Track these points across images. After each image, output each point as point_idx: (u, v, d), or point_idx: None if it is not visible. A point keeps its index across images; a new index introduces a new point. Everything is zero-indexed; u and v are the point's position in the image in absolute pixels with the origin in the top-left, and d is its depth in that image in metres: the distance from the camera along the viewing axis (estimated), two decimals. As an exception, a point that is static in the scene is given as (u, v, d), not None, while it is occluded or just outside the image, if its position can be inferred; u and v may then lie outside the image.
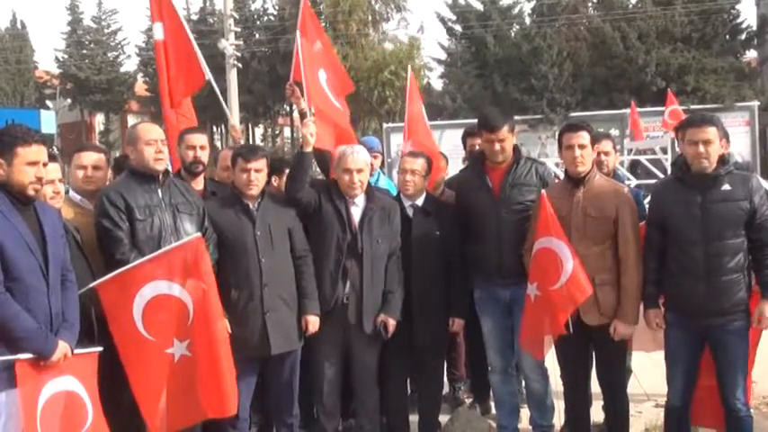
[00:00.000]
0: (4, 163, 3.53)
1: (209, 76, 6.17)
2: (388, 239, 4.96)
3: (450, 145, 14.79)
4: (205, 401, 4.08)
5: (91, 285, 3.97)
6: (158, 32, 6.25)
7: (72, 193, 4.52)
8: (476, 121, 5.33)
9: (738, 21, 29.31)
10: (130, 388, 4.07)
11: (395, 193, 5.43)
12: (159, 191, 4.47)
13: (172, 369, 4.04)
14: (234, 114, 24.39)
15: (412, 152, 5.27)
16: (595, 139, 5.00)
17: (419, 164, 5.11)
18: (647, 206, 4.92)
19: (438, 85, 35.31)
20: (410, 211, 5.12)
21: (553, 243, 4.50)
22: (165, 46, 6.20)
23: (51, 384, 3.57)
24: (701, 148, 4.22)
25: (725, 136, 4.28)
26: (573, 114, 24.15)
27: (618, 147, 5.67)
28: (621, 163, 15.15)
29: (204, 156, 5.17)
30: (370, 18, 33.32)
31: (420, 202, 5.14)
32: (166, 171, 4.58)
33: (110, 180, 4.88)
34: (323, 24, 31.77)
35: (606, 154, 5.36)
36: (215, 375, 4.06)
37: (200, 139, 5.20)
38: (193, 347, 4.04)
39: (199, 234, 4.22)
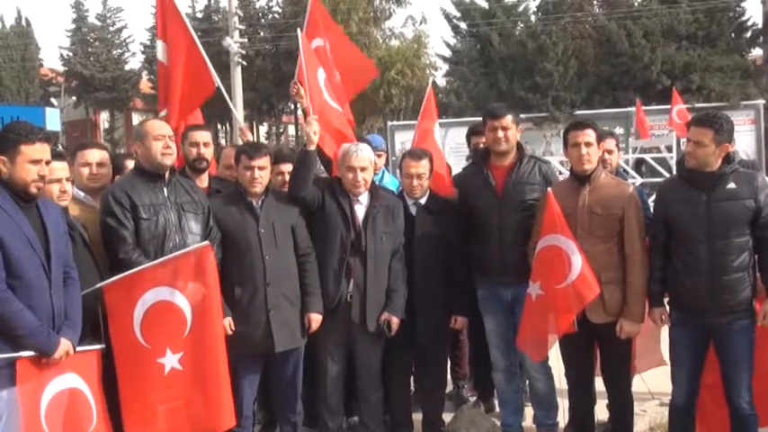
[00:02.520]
0: (6, 160, 3.53)
1: (218, 83, 6.09)
2: (391, 237, 4.95)
3: (455, 143, 14.80)
4: (191, 419, 4.01)
5: (98, 286, 3.97)
6: (161, 53, 6.18)
7: (76, 191, 4.52)
8: (478, 119, 5.33)
9: (744, 19, 29.19)
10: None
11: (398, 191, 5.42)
12: (165, 189, 4.47)
13: (161, 381, 3.96)
14: (238, 112, 24.40)
15: (413, 153, 5.21)
16: (599, 138, 4.99)
17: (424, 166, 5.09)
18: (651, 204, 4.90)
19: (443, 82, 35.27)
20: (413, 210, 5.11)
21: (560, 240, 4.48)
22: (167, 68, 6.12)
23: (55, 383, 3.58)
24: (690, 148, 4.25)
25: (728, 138, 4.23)
26: (578, 112, 24.08)
27: (623, 145, 5.67)
28: (626, 161, 15.13)
29: (208, 153, 5.17)
30: (371, 15, 33.26)
31: (423, 200, 5.13)
32: (172, 169, 4.58)
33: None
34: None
35: (609, 152, 5.35)
36: (205, 392, 4.00)
37: (203, 136, 5.19)
38: (185, 361, 3.98)
39: (207, 243, 4.22)
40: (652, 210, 4.76)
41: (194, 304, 4.01)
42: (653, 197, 5.01)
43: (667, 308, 4.52)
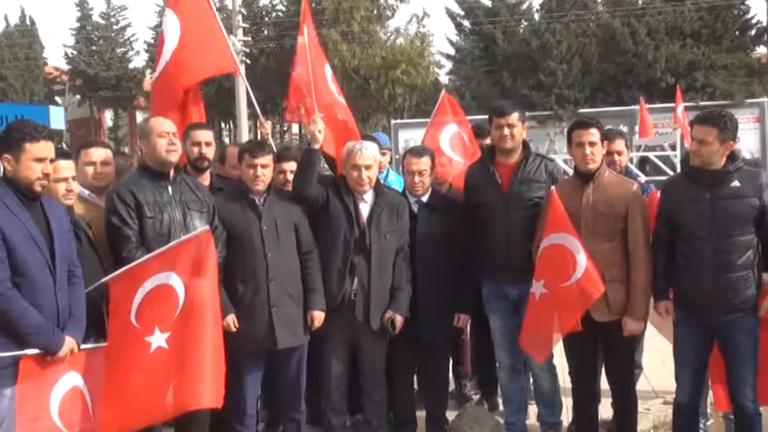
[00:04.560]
0: (11, 159, 3.55)
1: (241, 72, 5.91)
2: (396, 235, 4.95)
3: (458, 141, 14.73)
4: (173, 397, 3.88)
5: (102, 281, 3.97)
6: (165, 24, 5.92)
7: (80, 189, 4.53)
8: (482, 117, 5.33)
9: (748, 17, 29.17)
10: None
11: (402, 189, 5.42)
12: (170, 188, 4.47)
13: (145, 359, 3.87)
14: (242, 110, 24.42)
15: (414, 150, 5.24)
16: (609, 138, 4.98)
17: (425, 163, 5.09)
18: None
19: (446, 81, 35.24)
20: (415, 207, 5.11)
21: (565, 239, 4.47)
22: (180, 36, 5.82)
23: (63, 381, 3.60)
24: (694, 146, 4.23)
25: (732, 136, 4.21)
26: (581, 111, 24.07)
27: (627, 143, 5.65)
28: (630, 160, 15.11)
29: (210, 152, 5.15)
30: (375, 13, 33.23)
31: (425, 198, 5.14)
32: (177, 167, 4.58)
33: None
34: (327, 21, 31.83)
35: (619, 153, 5.30)
36: (191, 370, 3.89)
37: (205, 135, 5.17)
38: (172, 341, 3.90)
39: (207, 228, 4.20)
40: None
41: (189, 288, 3.95)
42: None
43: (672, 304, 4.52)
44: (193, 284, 3.97)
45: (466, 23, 32.55)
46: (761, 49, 30.55)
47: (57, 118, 15.97)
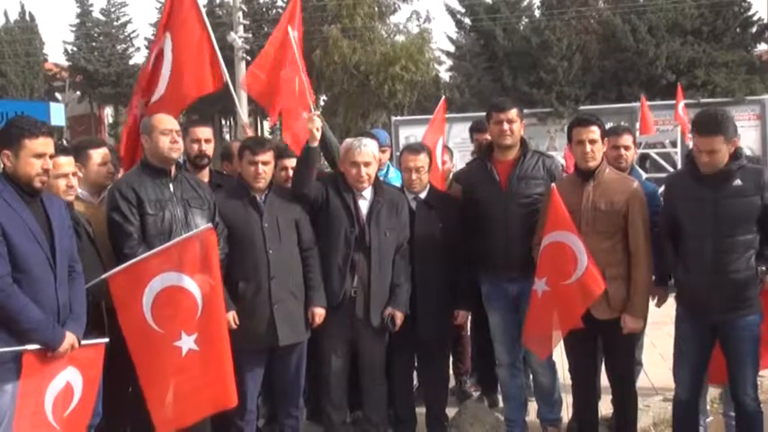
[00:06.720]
0: (11, 155, 3.55)
1: (226, 78, 5.98)
2: (395, 232, 4.95)
3: (459, 138, 14.78)
4: (210, 397, 4.07)
5: (102, 277, 3.98)
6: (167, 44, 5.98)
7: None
8: (482, 114, 5.33)
9: (749, 14, 29.09)
10: (137, 381, 4.07)
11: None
12: (171, 185, 4.48)
13: (180, 363, 4.00)
14: (243, 108, 24.39)
15: (411, 147, 5.24)
16: (616, 132, 4.99)
17: (422, 160, 5.09)
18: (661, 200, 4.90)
19: (446, 78, 35.19)
20: (413, 204, 5.10)
21: (567, 237, 4.46)
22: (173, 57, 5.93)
23: (61, 377, 3.60)
24: (705, 158, 4.14)
25: (734, 132, 4.20)
26: (582, 108, 23.97)
27: (635, 139, 5.64)
28: (631, 157, 15.07)
29: (209, 149, 5.16)
30: (376, 10, 33.15)
31: (423, 194, 5.13)
32: (178, 165, 4.58)
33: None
34: (329, 18, 31.77)
35: (626, 148, 5.27)
36: (219, 370, 4.05)
37: (205, 132, 5.18)
38: (201, 342, 4.00)
39: (210, 225, 4.21)
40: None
41: (202, 287, 4.02)
42: (661, 189, 5.01)
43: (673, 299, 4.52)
44: (204, 283, 4.01)
45: (466, 20, 32.47)
46: (762, 47, 30.47)
47: (57, 115, 15.89)
